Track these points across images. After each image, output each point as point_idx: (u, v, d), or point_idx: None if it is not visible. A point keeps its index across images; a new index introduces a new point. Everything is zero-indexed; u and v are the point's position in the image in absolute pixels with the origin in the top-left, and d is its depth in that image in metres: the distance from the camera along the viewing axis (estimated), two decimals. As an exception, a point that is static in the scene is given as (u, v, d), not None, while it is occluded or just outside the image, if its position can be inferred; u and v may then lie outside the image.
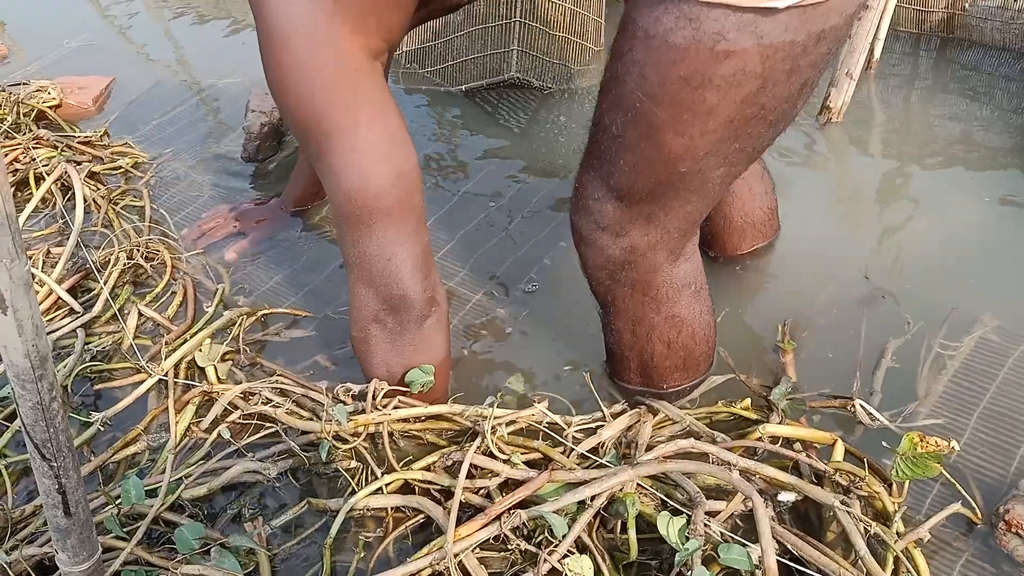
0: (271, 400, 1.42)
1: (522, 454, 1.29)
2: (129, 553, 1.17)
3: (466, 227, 1.87)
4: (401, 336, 1.34)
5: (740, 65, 1.01)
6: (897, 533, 1.17)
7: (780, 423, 1.33)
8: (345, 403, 1.38)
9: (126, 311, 1.65)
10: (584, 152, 1.24)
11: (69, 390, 1.51)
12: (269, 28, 1.14)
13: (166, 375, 1.49)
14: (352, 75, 1.17)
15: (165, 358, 1.52)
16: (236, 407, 1.43)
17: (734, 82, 1.03)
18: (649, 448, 1.27)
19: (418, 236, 1.28)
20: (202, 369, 1.52)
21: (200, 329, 1.60)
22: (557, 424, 1.34)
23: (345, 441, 1.34)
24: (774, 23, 0.98)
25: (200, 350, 1.53)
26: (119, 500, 1.25)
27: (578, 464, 1.27)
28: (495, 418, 1.31)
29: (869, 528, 1.15)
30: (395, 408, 1.36)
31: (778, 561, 1.08)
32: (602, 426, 1.33)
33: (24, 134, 2.14)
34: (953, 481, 1.25)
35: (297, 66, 1.15)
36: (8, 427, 1.44)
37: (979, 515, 1.24)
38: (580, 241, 1.30)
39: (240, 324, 1.60)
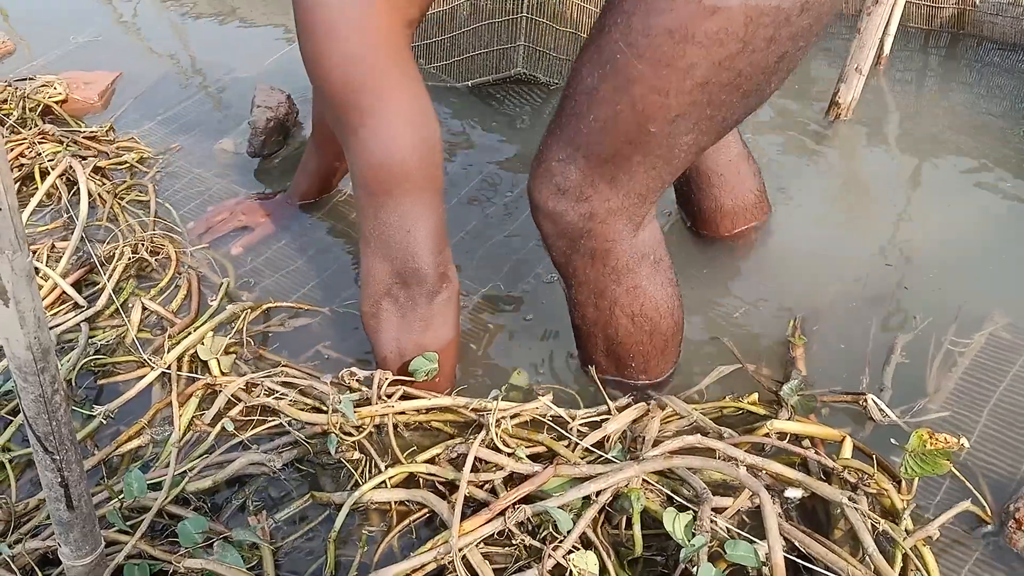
0: (274, 391, 1.42)
1: (526, 447, 1.29)
2: (132, 547, 1.17)
3: (472, 222, 1.87)
4: (412, 311, 1.36)
5: (724, 24, 1.03)
6: (906, 531, 1.16)
7: (789, 419, 1.32)
8: (350, 388, 1.38)
9: (130, 305, 1.65)
10: (553, 115, 1.25)
11: (73, 384, 1.51)
12: (306, 7, 1.16)
13: (169, 368, 1.49)
14: (386, 46, 1.19)
15: (168, 351, 1.51)
16: (240, 400, 1.42)
17: (716, 40, 1.05)
18: (655, 443, 1.26)
19: (435, 209, 1.31)
20: (205, 363, 1.52)
21: (204, 323, 1.60)
22: (561, 418, 1.33)
23: (349, 434, 1.34)
24: None
25: (203, 344, 1.53)
26: (122, 494, 1.24)
27: (583, 458, 1.27)
28: (499, 411, 1.30)
29: (878, 525, 1.14)
30: (399, 400, 1.36)
31: (785, 558, 1.07)
32: (607, 420, 1.33)
33: (30, 129, 2.14)
34: (963, 479, 1.24)
35: (333, 36, 1.16)
36: (12, 421, 1.44)
37: (989, 513, 1.22)
38: (538, 210, 1.29)
39: (244, 318, 1.60)
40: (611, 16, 1.12)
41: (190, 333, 1.57)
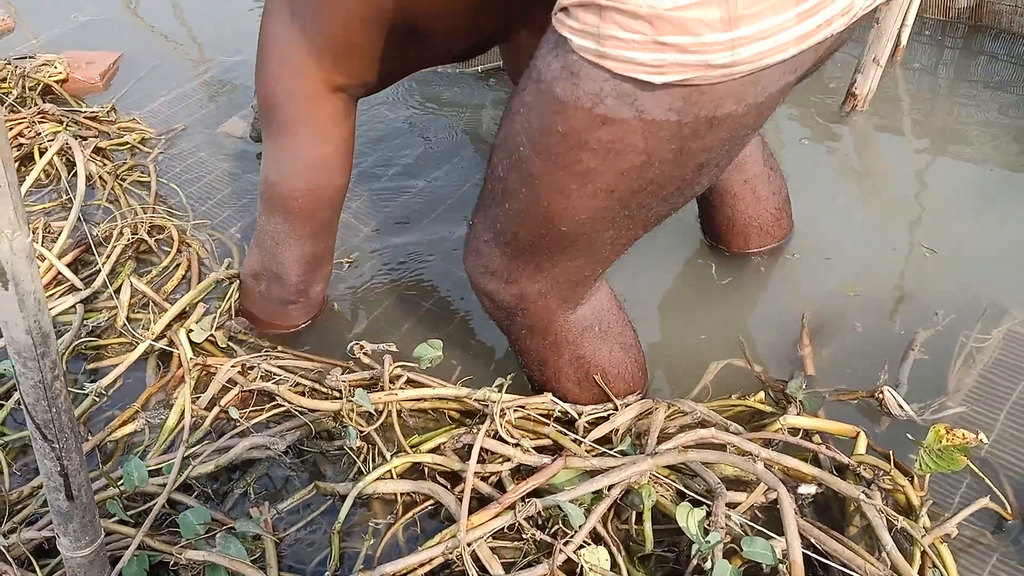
0: (274, 375, 1.40)
1: (531, 439, 1.26)
2: (134, 540, 1.14)
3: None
4: (266, 303, 1.53)
5: (618, 134, 0.94)
6: (924, 528, 1.14)
7: (798, 415, 1.30)
8: (362, 360, 1.40)
9: (126, 285, 1.61)
10: (479, 191, 1.19)
11: (65, 366, 1.48)
12: (261, 32, 1.31)
13: (156, 340, 1.47)
14: (304, 97, 1.31)
15: (154, 323, 1.50)
16: (236, 383, 1.40)
17: (613, 150, 0.96)
18: (663, 438, 1.23)
19: (310, 240, 1.44)
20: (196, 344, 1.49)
21: (187, 295, 1.58)
22: (568, 413, 1.30)
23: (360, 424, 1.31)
24: (654, 99, 0.91)
25: (192, 328, 1.50)
26: (121, 482, 1.21)
27: (589, 452, 1.24)
28: (504, 402, 1.28)
29: (895, 522, 1.11)
30: (403, 387, 1.35)
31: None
32: (614, 414, 1.30)
33: (29, 108, 2.10)
34: (982, 475, 1.21)
35: (266, 71, 1.32)
36: (4, 405, 1.41)
37: (1010, 511, 1.20)
38: (472, 284, 1.26)
39: (231, 295, 1.57)
40: (515, 103, 1.03)
41: (186, 312, 1.55)
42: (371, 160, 2.00)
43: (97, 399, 1.42)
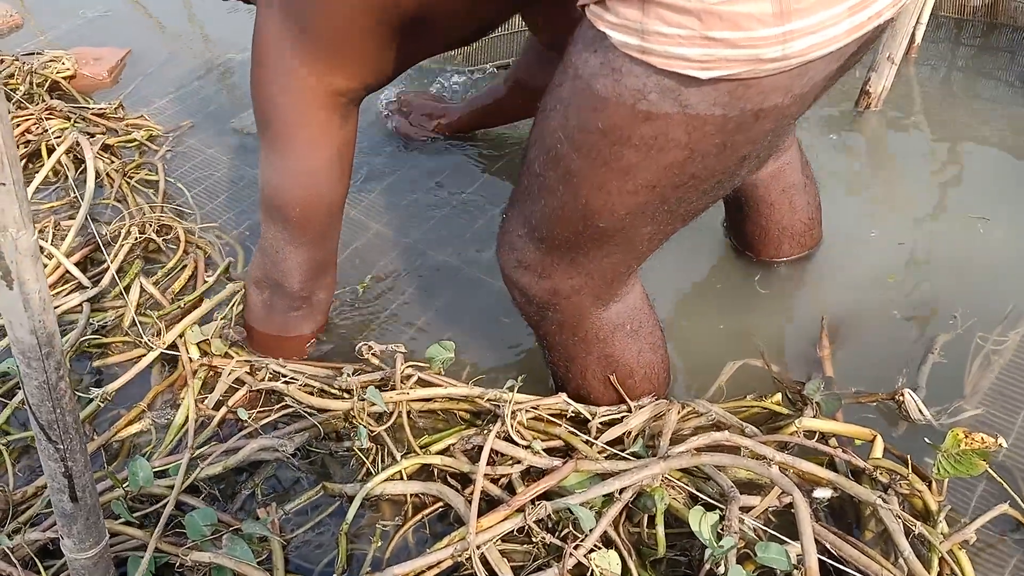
0: (283, 375, 1.39)
1: (542, 441, 1.24)
2: (139, 541, 1.13)
3: (494, 209, 1.81)
4: (270, 314, 1.48)
5: (662, 130, 0.93)
6: (942, 534, 1.12)
7: (814, 417, 1.28)
8: (371, 360, 1.37)
9: (135, 286, 1.60)
10: (515, 184, 1.17)
11: (69, 365, 1.47)
12: (255, 39, 1.28)
13: (167, 349, 1.46)
14: (304, 103, 1.28)
15: (166, 330, 1.49)
16: (243, 382, 1.40)
17: (656, 146, 0.94)
18: (676, 440, 1.21)
19: (309, 248, 1.41)
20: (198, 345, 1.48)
21: (193, 300, 1.57)
22: (580, 414, 1.28)
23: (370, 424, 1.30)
24: (699, 94, 0.89)
25: (191, 330, 1.49)
26: (126, 483, 1.20)
27: (601, 454, 1.22)
28: (515, 403, 1.26)
29: (912, 528, 1.09)
30: (414, 387, 1.33)
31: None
32: (627, 416, 1.28)
33: (37, 104, 2.09)
34: (1000, 480, 1.19)
35: (263, 77, 1.29)
36: (7, 404, 1.40)
37: (1029, 517, 1.18)
38: (505, 278, 1.25)
39: (234, 303, 1.56)
40: (551, 100, 1.01)
41: (183, 312, 1.54)
42: (380, 159, 1.99)
43: (101, 404, 1.40)
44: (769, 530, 1.08)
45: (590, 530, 1.09)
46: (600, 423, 1.28)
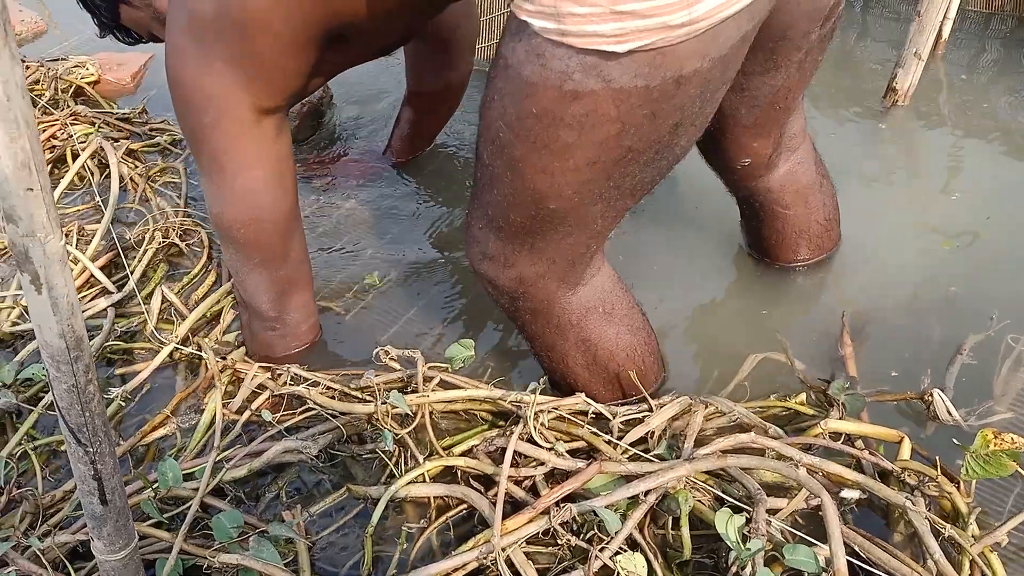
0: (304, 378, 1.39)
1: (565, 442, 1.24)
2: (167, 543, 1.14)
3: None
4: (253, 333, 1.49)
5: (591, 107, 0.96)
6: (972, 536, 1.10)
7: (840, 418, 1.27)
8: (390, 365, 1.37)
9: (156, 294, 1.61)
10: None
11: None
12: (170, 73, 1.27)
13: (181, 344, 1.48)
14: (232, 127, 1.28)
15: (177, 328, 1.52)
16: (266, 387, 1.40)
17: (587, 123, 0.98)
18: (699, 441, 1.21)
19: (265, 268, 1.41)
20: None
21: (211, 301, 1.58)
22: (602, 414, 1.28)
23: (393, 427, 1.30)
24: (619, 67, 0.93)
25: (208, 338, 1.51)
26: (155, 483, 1.21)
27: (624, 455, 1.22)
28: (537, 404, 1.26)
29: (942, 530, 1.08)
30: (436, 389, 1.33)
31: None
32: (649, 415, 1.27)
33: (62, 110, 2.11)
34: (1031, 482, 1.18)
35: (187, 107, 1.28)
36: (33, 409, 1.41)
37: (1061, 519, 1.16)
38: (474, 272, 1.27)
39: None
40: (489, 92, 1.05)
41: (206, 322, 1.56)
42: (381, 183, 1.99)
43: (123, 404, 1.41)
44: (794, 531, 1.07)
45: (616, 532, 1.09)
46: (621, 423, 1.27)
